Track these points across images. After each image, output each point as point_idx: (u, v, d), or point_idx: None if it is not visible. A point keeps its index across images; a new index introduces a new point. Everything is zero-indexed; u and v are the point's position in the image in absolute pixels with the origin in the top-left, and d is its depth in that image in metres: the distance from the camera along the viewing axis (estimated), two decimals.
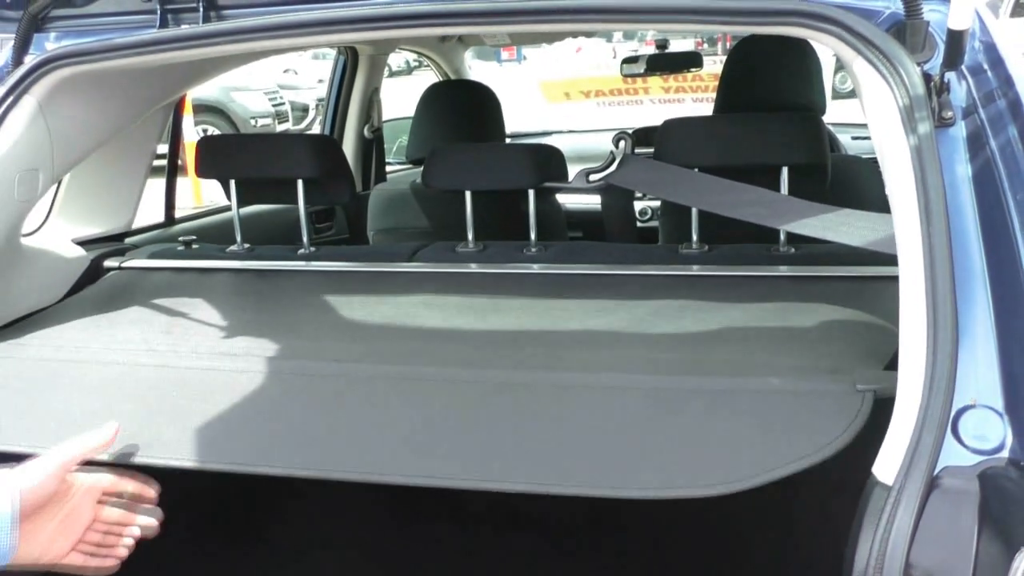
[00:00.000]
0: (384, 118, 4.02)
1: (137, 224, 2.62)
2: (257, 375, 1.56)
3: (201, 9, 1.78)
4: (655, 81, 5.26)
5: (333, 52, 3.88)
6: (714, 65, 5.06)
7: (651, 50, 5.03)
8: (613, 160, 2.03)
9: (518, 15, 1.54)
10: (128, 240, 2.50)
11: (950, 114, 1.33)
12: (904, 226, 1.25)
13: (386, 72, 4.05)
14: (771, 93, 2.54)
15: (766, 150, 1.99)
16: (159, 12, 1.80)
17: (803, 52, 2.64)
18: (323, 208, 3.49)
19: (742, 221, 1.87)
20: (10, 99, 1.80)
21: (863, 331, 1.58)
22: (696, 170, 1.97)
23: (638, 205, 3.59)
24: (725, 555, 2.01)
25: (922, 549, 1.04)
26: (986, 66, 1.40)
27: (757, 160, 1.98)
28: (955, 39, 1.29)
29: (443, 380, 1.52)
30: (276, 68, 15.86)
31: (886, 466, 1.11)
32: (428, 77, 4.17)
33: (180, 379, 1.59)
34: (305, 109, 15.86)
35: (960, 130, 1.34)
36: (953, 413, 1.11)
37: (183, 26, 1.80)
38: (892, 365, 1.33)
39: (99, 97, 1.97)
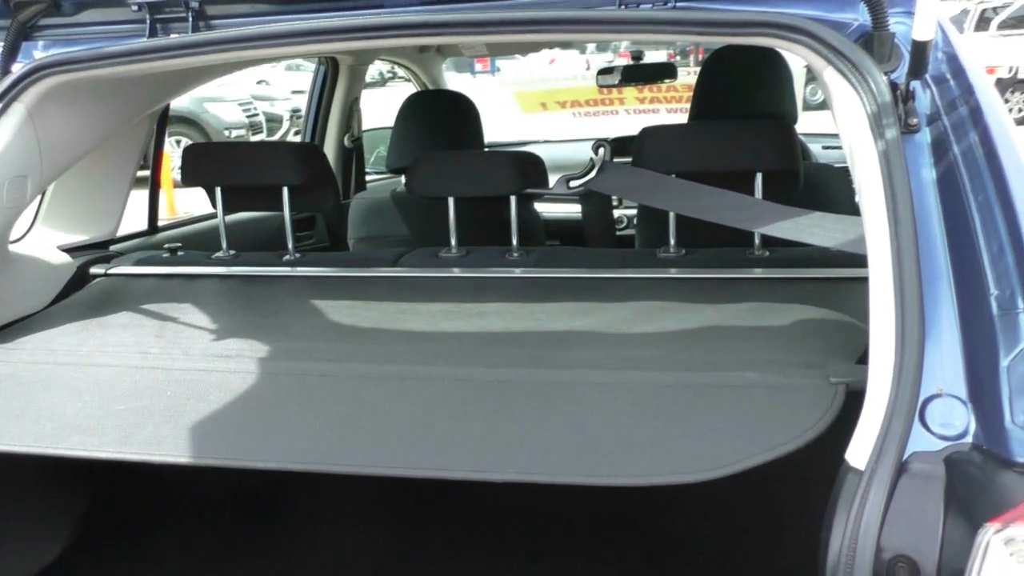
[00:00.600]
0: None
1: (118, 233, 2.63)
2: (249, 375, 1.60)
3: (190, 19, 1.81)
4: (630, 92, 5.34)
5: (308, 63, 3.91)
6: (687, 76, 5.14)
7: (626, 61, 5.10)
8: (593, 167, 2.09)
9: (505, 25, 1.59)
10: (112, 248, 2.52)
11: (915, 121, 1.39)
12: (873, 227, 1.31)
13: None
14: (744, 102, 2.61)
15: (741, 157, 2.06)
16: (148, 22, 1.83)
17: (775, 63, 2.71)
18: (304, 217, 3.52)
19: (717, 226, 1.93)
20: None
21: (835, 329, 1.64)
22: (673, 176, 2.03)
23: (615, 214, 3.66)
24: (707, 542, 2.07)
25: (892, 530, 1.10)
26: (948, 75, 1.46)
27: (732, 166, 2.04)
28: (919, 49, 1.35)
29: (431, 378, 1.57)
30: (250, 79, 15.82)
31: (858, 453, 1.16)
32: (401, 88, 4.21)
33: (173, 380, 1.62)
34: (279, 120, 15.84)
35: (925, 136, 1.40)
36: (920, 402, 1.17)
37: (172, 35, 1.83)
38: (863, 360, 1.39)
39: (88, 105, 2.00)
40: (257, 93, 15.99)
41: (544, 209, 3.32)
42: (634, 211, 3.27)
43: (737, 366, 1.48)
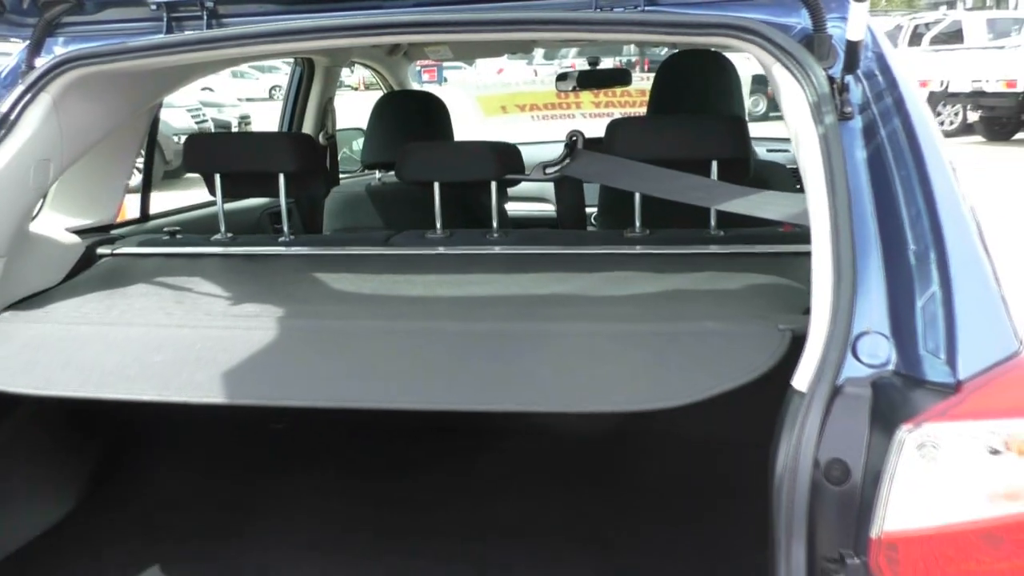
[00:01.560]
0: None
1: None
2: (268, 331, 1.79)
3: (205, 17, 2.00)
4: (586, 96, 5.62)
5: (253, 72, 4.08)
6: (639, 82, 5.43)
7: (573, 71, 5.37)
8: (567, 155, 2.33)
9: (498, 25, 1.81)
10: (112, 232, 2.68)
11: (850, 109, 1.64)
12: (815, 198, 1.55)
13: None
14: (695, 103, 2.86)
15: (698, 145, 2.30)
16: (165, 19, 2.02)
17: (724, 68, 2.97)
18: (279, 210, 3.70)
19: (676, 212, 2.18)
20: (28, 96, 1.99)
21: (781, 292, 1.89)
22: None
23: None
24: (680, 463, 2.33)
25: (828, 439, 1.33)
26: (877, 71, 1.72)
27: (690, 154, 2.29)
28: (852, 48, 1.61)
29: (433, 331, 1.78)
30: (196, 86, 15.87)
31: (802, 379, 1.40)
32: (346, 96, 4.37)
33: (200, 336, 1.81)
34: (227, 126, 15.90)
35: (858, 122, 1.65)
36: (853, 338, 1.41)
37: (187, 32, 2.02)
38: (805, 313, 1.63)
39: (104, 96, 2.18)
40: (205, 100, 16.07)
41: (518, 208, 3.56)
42: (595, 209, 3.52)
43: (698, 318, 1.72)
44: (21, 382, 1.69)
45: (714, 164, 2.27)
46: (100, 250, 2.46)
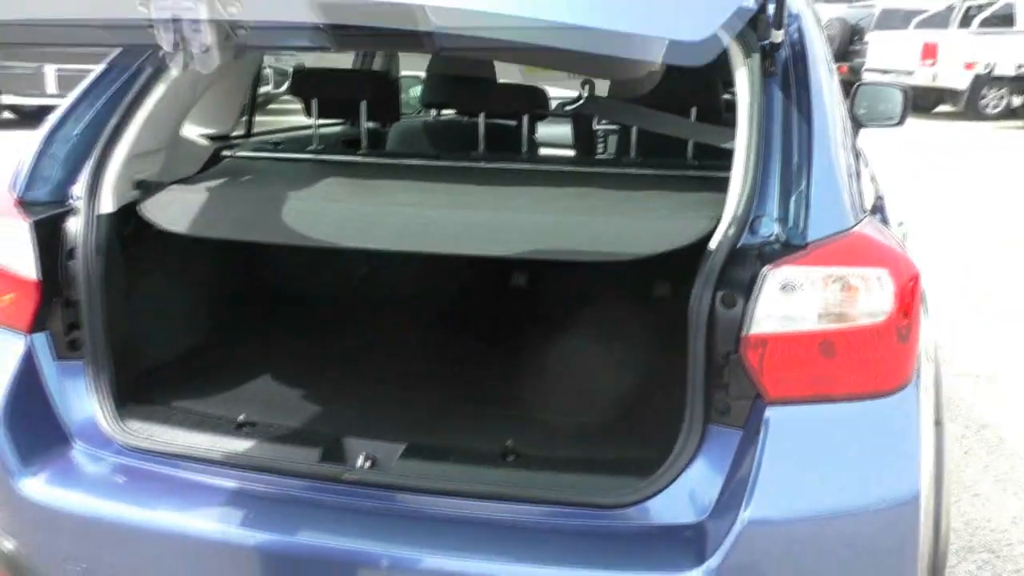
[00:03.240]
0: None
1: None
2: (345, 207, 2.57)
3: None
4: None
5: None
6: None
7: None
8: (581, 97, 3.06)
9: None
10: (231, 140, 3.46)
11: (774, 68, 2.34)
12: (740, 128, 2.26)
13: None
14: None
15: (679, 95, 3.02)
16: None
17: None
18: (353, 138, 4.46)
19: (667, 149, 2.89)
20: None
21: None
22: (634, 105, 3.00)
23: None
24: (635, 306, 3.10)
25: (725, 281, 2.03)
26: (797, 41, 2.42)
27: (674, 100, 3.00)
28: (776, 37, 2.30)
29: (462, 214, 2.53)
30: None
31: (713, 243, 2.12)
32: None
33: (298, 205, 2.57)
34: (285, 74, 16.57)
35: (779, 78, 2.35)
36: (751, 219, 2.12)
37: None
38: None
39: None
40: None
41: (544, 152, 4.31)
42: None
43: (658, 210, 2.45)
44: (190, 227, 2.48)
45: (693, 109, 2.98)
46: (224, 152, 3.23)
